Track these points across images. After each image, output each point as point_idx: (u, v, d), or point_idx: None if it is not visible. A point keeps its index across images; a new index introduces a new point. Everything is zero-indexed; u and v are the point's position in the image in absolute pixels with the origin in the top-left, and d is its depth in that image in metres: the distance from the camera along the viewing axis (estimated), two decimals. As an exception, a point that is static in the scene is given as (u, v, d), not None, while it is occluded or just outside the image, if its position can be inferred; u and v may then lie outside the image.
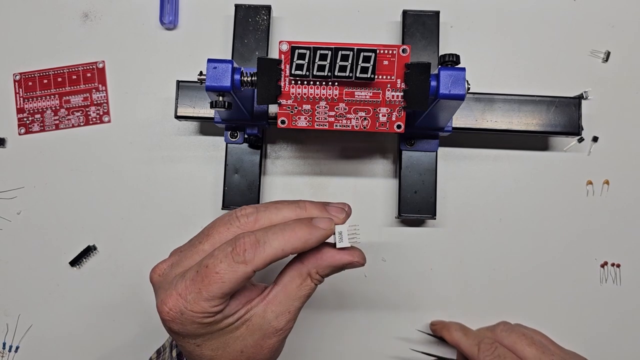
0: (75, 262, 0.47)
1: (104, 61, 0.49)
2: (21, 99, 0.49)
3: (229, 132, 0.45)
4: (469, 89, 0.36)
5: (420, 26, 0.46)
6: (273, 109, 0.43)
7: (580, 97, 0.45)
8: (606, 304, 0.47)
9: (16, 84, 0.49)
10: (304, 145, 0.48)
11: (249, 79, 0.36)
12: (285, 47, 0.35)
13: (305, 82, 0.36)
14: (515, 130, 0.45)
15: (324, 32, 0.49)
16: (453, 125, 0.44)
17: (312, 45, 0.35)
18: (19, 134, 0.49)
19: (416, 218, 0.46)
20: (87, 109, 0.48)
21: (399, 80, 0.36)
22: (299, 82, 0.36)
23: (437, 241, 0.48)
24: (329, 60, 0.35)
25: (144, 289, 0.47)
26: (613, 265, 0.47)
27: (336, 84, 0.36)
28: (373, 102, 0.37)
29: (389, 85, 0.36)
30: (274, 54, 0.47)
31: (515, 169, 0.48)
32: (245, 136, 0.45)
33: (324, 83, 0.36)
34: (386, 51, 0.35)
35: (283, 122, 0.37)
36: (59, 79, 0.49)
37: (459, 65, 0.36)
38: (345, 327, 0.47)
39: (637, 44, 0.49)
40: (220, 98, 0.37)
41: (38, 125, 0.49)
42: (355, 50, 0.35)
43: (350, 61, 0.35)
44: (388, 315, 0.47)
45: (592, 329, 0.47)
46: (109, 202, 0.48)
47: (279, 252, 0.30)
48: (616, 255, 0.48)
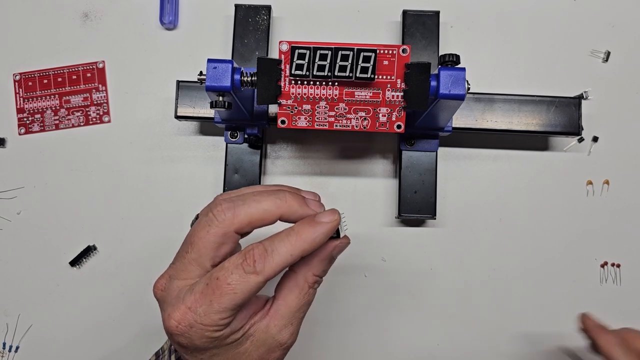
0: (75, 262, 0.47)
1: (104, 61, 0.49)
2: (21, 99, 0.49)
3: (229, 132, 0.45)
4: (469, 89, 0.36)
5: (420, 26, 0.46)
6: (273, 109, 0.43)
7: (580, 97, 0.45)
8: (606, 304, 0.47)
9: (16, 84, 0.49)
10: (304, 145, 0.48)
11: (249, 79, 0.36)
12: (285, 47, 0.35)
13: (305, 82, 0.36)
14: (515, 130, 0.45)
15: (324, 32, 0.49)
16: (453, 125, 0.44)
17: (312, 45, 0.35)
18: (19, 134, 0.49)
19: (416, 218, 0.46)
20: (87, 109, 0.48)
21: (399, 80, 0.36)
22: (299, 82, 0.36)
23: (437, 241, 0.48)
24: (329, 60, 0.35)
25: (144, 289, 0.47)
26: (613, 265, 0.47)
27: (336, 84, 0.36)
28: (373, 102, 0.37)
29: (389, 85, 0.36)
30: (274, 54, 0.47)
31: (515, 169, 0.48)
32: (245, 136, 0.45)
33: (324, 83, 0.36)
34: (386, 51, 0.35)
35: (283, 122, 0.37)
36: (59, 79, 0.49)
37: (459, 65, 0.36)
38: (345, 327, 0.47)
39: (637, 44, 0.49)
40: (220, 98, 0.37)
41: (38, 125, 0.49)
42: (355, 50, 0.35)
43: (350, 61, 0.35)
44: (388, 315, 0.47)
45: (592, 329, 0.47)
46: (109, 202, 0.48)
47: (288, 258, 0.30)
48: (616, 255, 0.47)
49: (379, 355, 0.47)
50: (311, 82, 0.36)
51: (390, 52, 0.35)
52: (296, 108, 0.37)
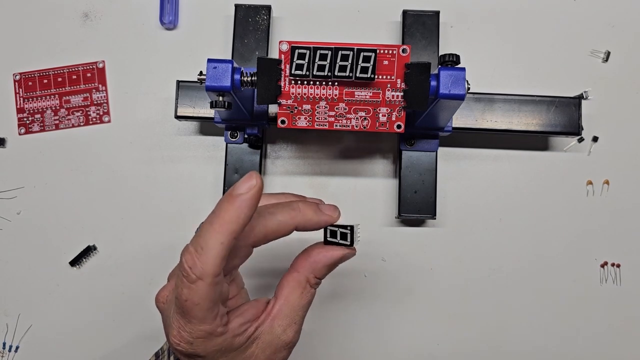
0: (75, 262, 0.47)
1: (104, 61, 0.49)
2: (21, 99, 0.49)
3: (229, 132, 0.45)
4: (469, 89, 0.36)
5: (420, 26, 0.46)
6: (273, 109, 0.43)
7: (580, 97, 0.45)
8: (606, 304, 0.47)
9: (16, 84, 0.49)
10: (304, 145, 0.48)
11: (249, 79, 0.36)
12: (285, 47, 0.35)
13: (305, 82, 0.36)
14: (515, 130, 0.45)
15: (324, 32, 0.49)
16: (453, 125, 0.44)
17: (312, 45, 0.35)
18: (19, 134, 0.49)
19: (416, 218, 0.46)
20: (87, 109, 0.48)
21: (399, 80, 0.36)
22: (299, 82, 0.36)
23: (437, 241, 0.48)
24: (329, 60, 0.35)
25: (144, 289, 0.47)
26: (613, 265, 0.47)
27: (336, 84, 0.36)
28: (373, 102, 0.37)
29: (389, 85, 0.36)
30: (274, 54, 0.47)
31: (515, 169, 0.48)
32: (245, 136, 0.45)
33: (324, 83, 0.36)
34: (386, 51, 0.35)
35: (283, 122, 0.37)
36: (59, 79, 0.49)
37: (459, 65, 0.36)
38: (345, 327, 0.47)
39: (637, 44, 0.49)
40: (220, 98, 0.37)
41: (38, 125, 0.48)
42: (355, 50, 0.35)
43: (350, 61, 0.35)
44: (388, 315, 0.47)
45: (592, 329, 0.47)
46: (109, 202, 0.48)
47: (220, 248, 0.28)
48: (616, 255, 0.47)
49: (379, 355, 0.47)
50: (311, 82, 0.36)
51: (390, 52, 0.35)
52: (296, 108, 0.37)
